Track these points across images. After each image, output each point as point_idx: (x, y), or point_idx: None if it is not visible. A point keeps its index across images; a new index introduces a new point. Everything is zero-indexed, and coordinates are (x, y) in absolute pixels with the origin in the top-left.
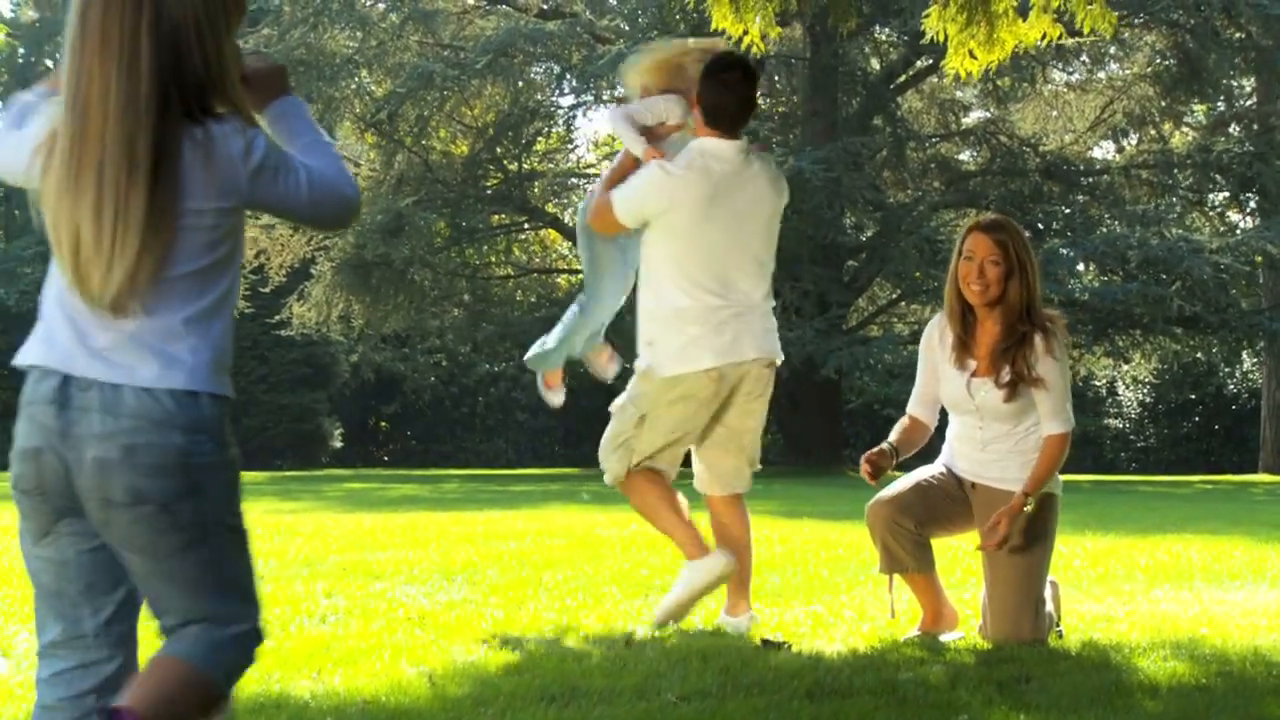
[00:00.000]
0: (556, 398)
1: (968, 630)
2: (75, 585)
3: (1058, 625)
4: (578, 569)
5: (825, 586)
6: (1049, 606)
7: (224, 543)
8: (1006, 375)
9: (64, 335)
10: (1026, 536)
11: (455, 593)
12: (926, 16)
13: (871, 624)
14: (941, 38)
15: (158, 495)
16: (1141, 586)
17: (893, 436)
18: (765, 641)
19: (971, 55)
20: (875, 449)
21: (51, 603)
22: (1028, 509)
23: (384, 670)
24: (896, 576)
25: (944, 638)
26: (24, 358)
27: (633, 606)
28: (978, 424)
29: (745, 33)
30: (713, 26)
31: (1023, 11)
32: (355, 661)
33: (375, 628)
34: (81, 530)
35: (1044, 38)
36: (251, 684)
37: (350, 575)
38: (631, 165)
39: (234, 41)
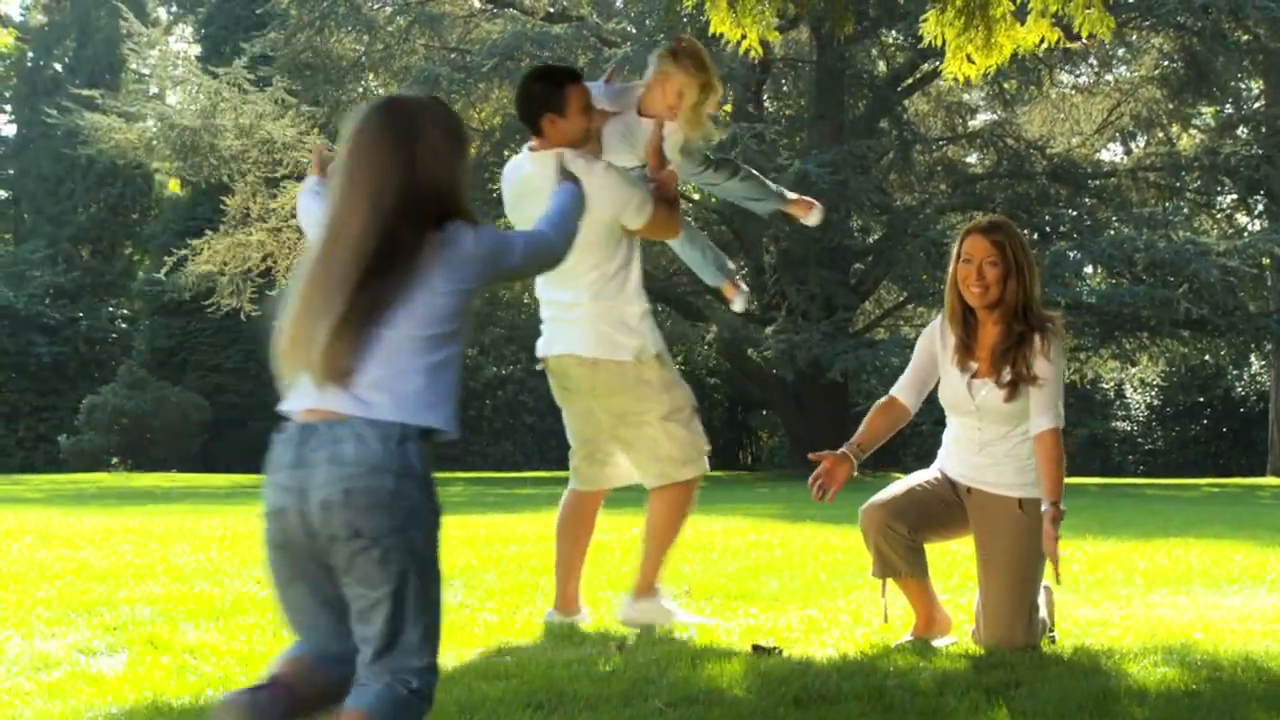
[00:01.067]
0: (738, 303)
1: (961, 635)
2: (324, 622)
3: (1051, 630)
4: None
5: (822, 590)
6: (1042, 612)
7: (425, 580)
8: (1008, 375)
9: (306, 385)
10: (1020, 542)
11: (452, 597)
12: (924, 21)
13: (865, 629)
14: (939, 42)
15: (371, 531)
16: (1139, 591)
17: (860, 429)
18: (756, 647)
19: (970, 60)
20: (829, 456)
21: (301, 630)
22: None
23: None
24: (889, 581)
25: (936, 643)
26: (284, 406)
27: None
28: (976, 425)
29: (744, 37)
30: (711, 31)
31: (1020, 16)
32: None
33: None
34: (327, 577)
35: (1042, 42)
36: (239, 688)
37: None
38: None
39: (466, 166)
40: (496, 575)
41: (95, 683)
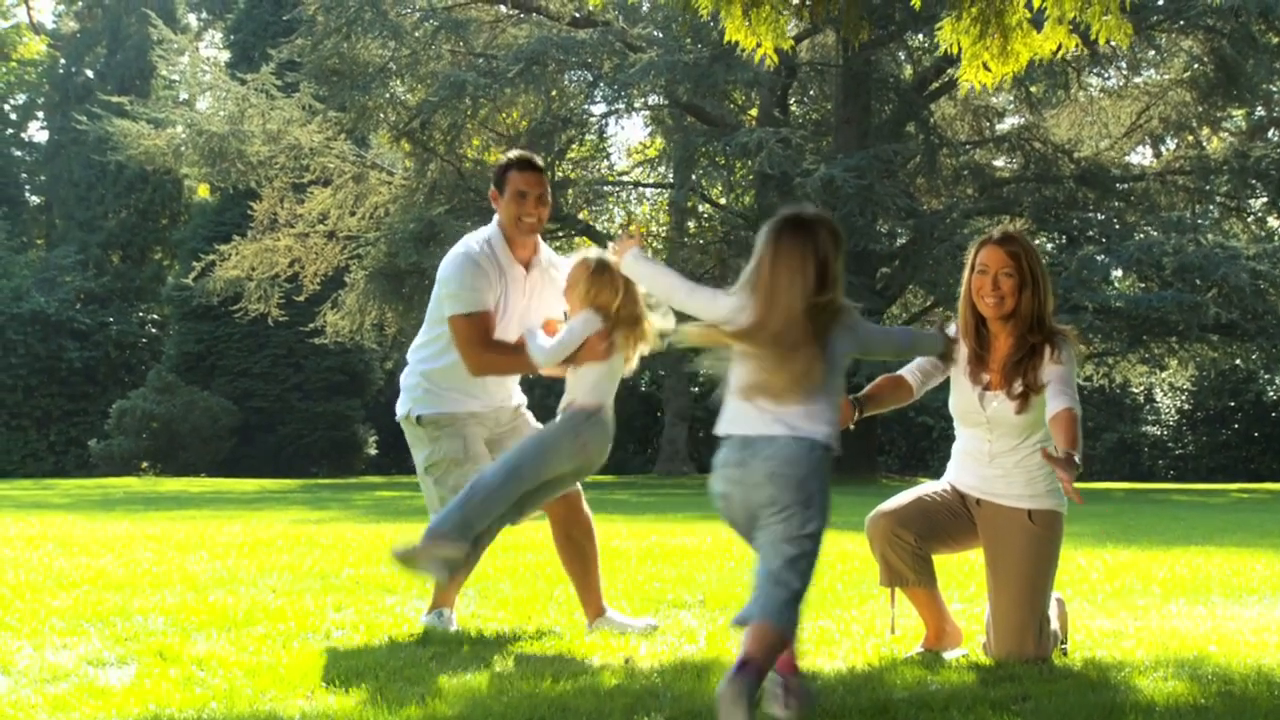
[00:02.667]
0: None
1: (972, 648)
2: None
3: (1063, 642)
4: None
5: (836, 600)
6: (1054, 624)
7: (819, 533)
8: (1019, 387)
9: (747, 412)
10: (1030, 553)
11: (465, 607)
12: (940, 29)
13: (877, 640)
14: (955, 50)
15: (792, 503)
16: (1156, 601)
17: (867, 388)
18: None
19: (985, 67)
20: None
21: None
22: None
23: (378, 690)
24: (899, 593)
25: (947, 655)
26: (724, 429)
27: None
28: (987, 437)
29: (759, 45)
30: (726, 39)
31: (1037, 23)
32: (351, 681)
33: (377, 645)
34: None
35: (1059, 49)
36: (244, 703)
37: (363, 589)
38: None
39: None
40: (511, 584)
41: (101, 695)
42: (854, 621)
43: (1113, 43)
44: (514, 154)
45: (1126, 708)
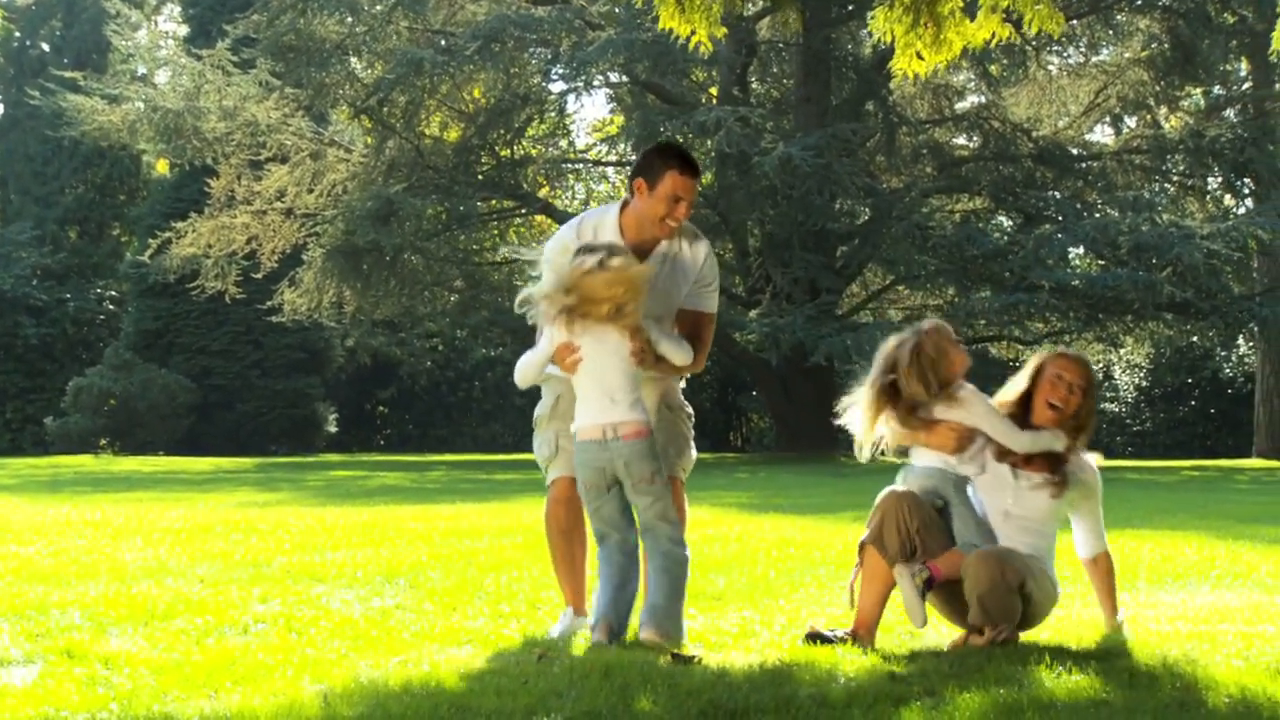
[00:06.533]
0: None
1: (902, 641)
2: None
3: (1009, 635)
4: (524, 571)
5: (768, 589)
6: (1009, 634)
7: None
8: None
9: None
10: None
11: (391, 598)
12: (872, 18)
13: (800, 630)
14: (888, 39)
15: None
16: (1083, 589)
17: None
18: (675, 655)
19: (919, 56)
20: None
21: None
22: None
23: (283, 689)
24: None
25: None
26: None
27: None
28: (1010, 498)
29: (693, 33)
30: (660, 27)
31: (970, 12)
32: (257, 679)
33: (293, 640)
34: None
35: (993, 38)
36: (143, 705)
37: (292, 578)
38: None
39: None
40: (443, 573)
41: None
42: (780, 612)
43: (1045, 31)
44: (676, 151)
45: (1026, 705)
